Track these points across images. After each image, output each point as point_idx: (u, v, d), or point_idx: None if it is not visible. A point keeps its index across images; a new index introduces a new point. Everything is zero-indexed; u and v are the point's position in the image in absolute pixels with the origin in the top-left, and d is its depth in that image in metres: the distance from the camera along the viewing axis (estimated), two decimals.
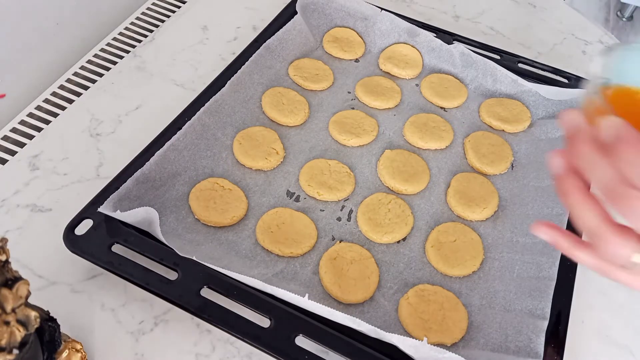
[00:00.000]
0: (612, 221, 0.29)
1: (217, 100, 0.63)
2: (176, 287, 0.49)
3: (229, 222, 0.56)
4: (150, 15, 0.81)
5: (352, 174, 0.62)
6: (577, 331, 0.53)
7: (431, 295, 0.52)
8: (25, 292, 0.35)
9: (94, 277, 0.53)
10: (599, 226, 0.29)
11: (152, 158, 0.56)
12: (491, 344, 0.49)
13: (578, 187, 0.30)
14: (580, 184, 0.30)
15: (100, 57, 0.74)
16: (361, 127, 0.66)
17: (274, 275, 0.53)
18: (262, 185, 0.60)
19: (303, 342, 0.47)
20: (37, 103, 0.68)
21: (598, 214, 0.29)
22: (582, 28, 0.87)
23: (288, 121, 0.66)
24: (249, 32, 0.79)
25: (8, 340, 0.34)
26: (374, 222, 0.57)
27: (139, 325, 0.51)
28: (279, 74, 0.71)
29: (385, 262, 0.55)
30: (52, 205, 0.58)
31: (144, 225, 0.51)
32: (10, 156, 0.62)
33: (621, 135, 0.28)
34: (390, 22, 0.76)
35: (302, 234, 0.56)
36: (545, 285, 0.52)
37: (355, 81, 0.72)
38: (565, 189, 0.31)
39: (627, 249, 0.29)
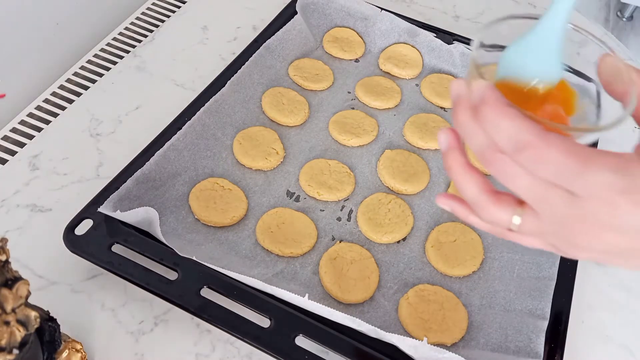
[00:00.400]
0: (490, 190, 0.30)
1: (217, 100, 0.63)
2: (176, 287, 0.49)
3: (229, 222, 0.56)
4: (150, 15, 0.81)
5: (352, 174, 0.62)
6: (577, 331, 0.53)
7: (431, 295, 0.52)
8: (25, 292, 0.35)
9: (94, 277, 0.53)
10: (477, 197, 0.30)
11: (152, 158, 0.56)
12: (491, 344, 0.49)
13: (458, 162, 0.31)
14: (460, 158, 0.31)
15: (100, 57, 0.74)
16: (361, 127, 0.66)
17: (274, 275, 0.53)
18: (262, 185, 0.60)
19: (303, 342, 0.47)
20: (37, 103, 0.68)
21: (476, 185, 0.30)
22: None
23: (288, 121, 0.66)
24: (249, 32, 0.79)
25: (8, 340, 0.34)
26: (374, 222, 0.57)
27: (139, 325, 0.51)
28: (279, 74, 0.71)
29: (385, 262, 0.55)
30: (52, 205, 0.58)
31: (144, 225, 0.51)
32: (10, 156, 0.62)
33: (485, 97, 0.28)
34: (390, 22, 0.76)
35: (302, 234, 0.56)
36: (545, 285, 0.52)
37: (355, 81, 0.72)
38: (447, 164, 0.32)
39: (505, 214, 0.30)
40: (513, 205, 0.30)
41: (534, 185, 0.28)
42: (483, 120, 0.28)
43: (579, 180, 0.26)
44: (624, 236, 0.27)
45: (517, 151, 0.27)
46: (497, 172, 0.29)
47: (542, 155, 0.27)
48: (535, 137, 0.27)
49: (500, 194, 0.31)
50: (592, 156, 0.26)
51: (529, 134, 0.27)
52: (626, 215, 0.26)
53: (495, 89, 0.28)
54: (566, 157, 0.26)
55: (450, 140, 0.32)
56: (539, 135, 0.27)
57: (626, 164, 0.26)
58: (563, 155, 0.26)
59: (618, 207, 0.26)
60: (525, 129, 0.27)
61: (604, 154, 0.27)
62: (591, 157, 0.26)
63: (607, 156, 0.26)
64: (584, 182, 0.26)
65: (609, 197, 0.26)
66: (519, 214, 0.30)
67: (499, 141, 0.28)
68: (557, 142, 0.26)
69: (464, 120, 0.30)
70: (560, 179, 0.27)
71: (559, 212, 0.28)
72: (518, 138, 0.27)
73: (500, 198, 0.30)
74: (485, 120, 0.28)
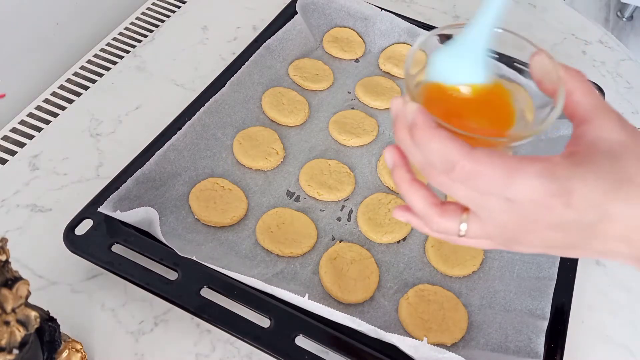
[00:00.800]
0: (435, 203, 0.32)
1: (217, 100, 0.63)
2: (176, 287, 0.49)
3: (229, 222, 0.56)
4: (150, 15, 0.81)
5: (352, 174, 0.62)
6: (577, 331, 0.53)
7: (431, 295, 0.52)
8: (25, 292, 0.35)
9: (94, 277, 0.53)
10: (424, 210, 0.32)
11: (152, 158, 0.56)
12: (491, 344, 0.49)
13: (403, 179, 0.33)
14: (405, 175, 0.33)
15: (100, 57, 0.74)
16: (361, 127, 0.66)
17: (274, 275, 0.53)
18: (262, 185, 0.60)
19: (303, 342, 0.47)
20: (37, 103, 0.68)
21: (422, 199, 0.32)
22: (582, 28, 0.87)
23: (288, 121, 0.66)
24: (249, 32, 0.79)
25: (8, 340, 0.34)
26: (374, 222, 0.57)
27: (139, 325, 0.51)
28: (279, 74, 0.71)
29: (385, 262, 0.55)
30: (52, 205, 0.58)
31: (144, 225, 0.51)
32: (10, 156, 0.62)
33: (415, 120, 0.30)
34: (390, 22, 0.75)
35: (302, 234, 0.56)
36: (545, 285, 0.52)
37: (355, 81, 0.72)
38: (395, 181, 0.33)
39: (451, 222, 0.32)
40: (458, 213, 0.32)
41: (471, 195, 0.30)
42: (416, 142, 0.30)
43: (509, 189, 0.28)
44: (560, 232, 0.29)
45: (448, 170, 0.29)
46: (437, 185, 0.31)
47: (470, 172, 0.28)
48: (462, 156, 0.28)
49: (445, 204, 0.32)
50: (518, 165, 0.28)
51: (456, 154, 0.29)
52: (559, 215, 0.28)
53: (424, 112, 0.30)
54: (493, 171, 0.28)
55: (395, 158, 0.34)
56: (466, 154, 0.28)
57: (553, 168, 0.28)
58: (489, 169, 0.28)
59: (551, 208, 0.28)
60: (453, 149, 0.29)
61: (531, 160, 0.28)
62: (517, 166, 0.28)
63: (534, 163, 0.28)
64: (515, 189, 0.28)
65: (540, 200, 0.28)
66: (464, 220, 0.31)
67: (431, 161, 0.30)
68: (482, 158, 0.28)
69: (402, 139, 0.31)
70: (491, 190, 0.29)
71: (498, 216, 0.30)
72: (447, 158, 0.29)
73: (446, 209, 0.32)
74: (418, 143, 0.30)
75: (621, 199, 0.28)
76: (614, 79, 0.79)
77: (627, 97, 0.77)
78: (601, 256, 0.31)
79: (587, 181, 0.28)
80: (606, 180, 0.28)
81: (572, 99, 0.32)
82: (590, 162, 0.29)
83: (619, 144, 0.29)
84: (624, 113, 0.75)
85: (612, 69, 0.81)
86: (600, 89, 0.71)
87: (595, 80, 0.73)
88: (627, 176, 0.28)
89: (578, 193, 0.28)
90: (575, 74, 0.32)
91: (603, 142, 0.29)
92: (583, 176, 0.28)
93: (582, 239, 0.30)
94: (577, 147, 0.30)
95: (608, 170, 0.28)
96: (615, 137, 0.30)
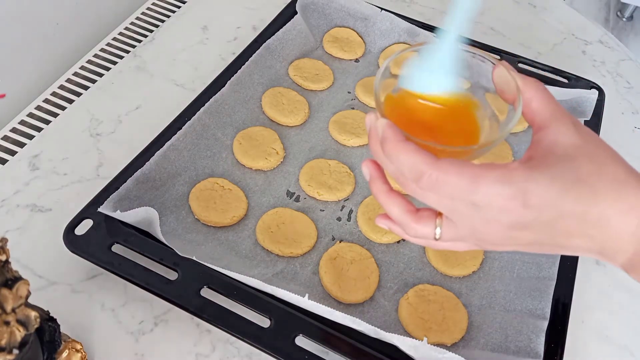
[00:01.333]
0: (411, 210, 0.34)
1: (217, 100, 0.63)
2: (176, 287, 0.49)
3: (229, 222, 0.56)
4: (150, 15, 0.81)
5: (352, 174, 0.62)
6: (577, 331, 0.53)
7: (431, 295, 0.52)
8: (25, 292, 0.35)
9: (94, 277, 0.53)
10: (401, 217, 0.35)
11: (152, 158, 0.56)
12: (491, 344, 0.49)
13: (380, 189, 0.35)
14: (382, 186, 0.35)
15: (100, 57, 0.74)
16: (361, 127, 0.66)
17: (274, 275, 0.53)
18: (262, 185, 0.60)
19: (303, 342, 0.47)
20: (37, 103, 0.68)
21: (399, 207, 0.35)
22: (582, 28, 0.87)
23: (288, 121, 0.66)
24: (249, 32, 0.79)
25: (8, 340, 0.34)
26: (373, 222, 0.57)
27: (139, 325, 0.51)
28: (279, 74, 0.71)
29: (385, 262, 0.55)
30: (52, 205, 0.58)
31: (144, 225, 0.51)
32: (10, 156, 0.62)
33: (385, 135, 0.33)
34: (390, 22, 0.75)
35: (302, 234, 0.56)
36: (545, 285, 0.52)
37: (355, 81, 0.72)
38: (373, 191, 0.36)
39: (427, 228, 0.34)
40: (433, 218, 0.34)
41: (441, 201, 0.32)
42: (387, 155, 0.33)
43: (473, 195, 0.31)
44: (524, 231, 0.31)
45: (417, 180, 0.32)
46: (410, 192, 0.33)
47: (436, 180, 0.31)
48: (429, 166, 0.31)
49: (420, 211, 0.35)
50: (479, 173, 0.30)
51: (423, 164, 0.31)
52: (519, 215, 0.30)
53: (393, 126, 0.32)
54: (457, 179, 0.31)
55: (371, 170, 0.36)
56: (431, 164, 0.31)
57: (510, 174, 0.30)
58: (454, 177, 0.31)
59: (510, 210, 0.30)
60: (420, 160, 0.31)
61: (491, 167, 0.31)
62: (479, 174, 0.30)
63: (493, 170, 0.30)
64: (478, 195, 0.30)
65: (501, 203, 0.30)
66: (438, 225, 0.34)
67: (402, 172, 0.32)
68: (447, 167, 0.31)
69: (375, 152, 0.34)
70: (457, 196, 0.31)
71: (468, 219, 0.32)
72: (415, 169, 0.31)
73: (421, 215, 0.34)
74: (389, 155, 0.33)
75: (574, 198, 0.30)
76: (614, 79, 0.79)
77: (627, 97, 0.77)
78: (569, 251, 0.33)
79: (541, 183, 0.30)
80: (560, 181, 0.30)
81: (530, 107, 0.34)
82: (545, 165, 0.31)
83: (573, 147, 0.31)
84: (624, 113, 0.75)
85: (612, 69, 0.81)
86: (600, 89, 0.71)
87: (595, 80, 0.73)
88: (579, 176, 0.30)
89: (533, 194, 0.30)
90: (532, 84, 0.34)
91: (558, 146, 0.32)
92: (537, 178, 0.30)
93: (546, 236, 0.31)
94: (535, 152, 0.32)
95: (562, 171, 0.30)
96: (570, 141, 0.32)
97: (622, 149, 0.34)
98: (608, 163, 0.31)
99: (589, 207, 0.30)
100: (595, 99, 0.67)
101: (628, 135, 0.73)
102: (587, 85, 0.71)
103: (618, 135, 0.72)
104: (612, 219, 0.30)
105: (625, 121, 0.74)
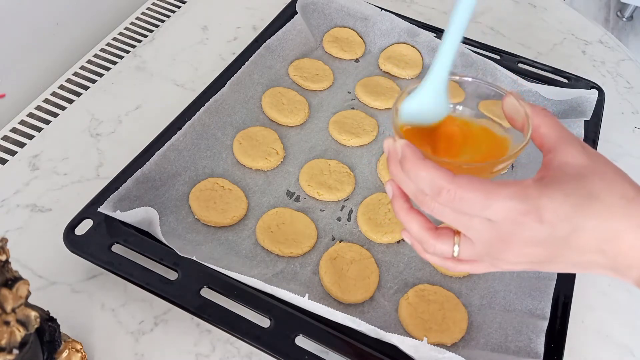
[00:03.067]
0: (430, 228, 0.36)
1: (217, 100, 0.63)
2: (176, 287, 0.49)
3: (229, 222, 0.56)
4: (150, 15, 0.81)
5: (352, 174, 0.62)
6: (577, 331, 0.53)
7: (431, 295, 0.52)
8: (25, 292, 0.35)
9: (94, 277, 0.53)
10: (420, 234, 0.36)
11: (152, 158, 0.56)
12: (491, 344, 0.49)
13: (401, 207, 0.36)
14: (403, 204, 0.37)
15: (100, 57, 0.74)
16: (361, 127, 0.66)
17: (274, 275, 0.53)
18: (262, 185, 0.60)
19: (303, 342, 0.47)
20: (37, 103, 0.68)
21: (418, 224, 0.36)
22: (582, 28, 0.87)
23: (288, 121, 0.66)
24: (249, 32, 0.79)
25: (8, 340, 0.34)
26: (373, 222, 0.57)
27: (139, 325, 0.51)
28: (279, 74, 0.71)
29: (385, 262, 0.55)
30: (52, 205, 0.58)
31: (144, 225, 0.51)
32: (10, 156, 0.62)
33: (404, 154, 0.34)
34: (390, 22, 0.76)
35: (302, 234, 0.56)
36: (545, 285, 0.52)
37: (355, 81, 0.72)
38: (394, 209, 0.37)
39: (445, 245, 0.35)
40: (451, 236, 0.35)
41: (458, 217, 0.33)
42: (407, 173, 0.34)
43: (488, 210, 0.32)
44: (538, 247, 0.32)
45: (436, 195, 0.33)
46: (428, 210, 0.34)
47: (454, 196, 0.32)
48: (447, 182, 0.32)
49: (439, 229, 0.36)
50: (494, 189, 0.32)
51: (441, 180, 0.32)
52: (534, 230, 0.31)
53: (411, 146, 0.34)
54: (474, 194, 0.32)
55: (393, 189, 0.37)
56: (449, 180, 0.32)
57: (524, 191, 0.31)
58: (470, 192, 0.32)
59: (525, 225, 0.31)
60: (438, 176, 0.32)
61: (505, 184, 0.32)
62: (494, 190, 0.32)
63: (508, 187, 0.32)
64: (493, 211, 0.32)
65: (516, 219, 0.31)
66: (456, 242, 0.35)
67: (422, 188, 0.33)
68: (464, 183, 0.32)
69: (395, 173, 0.35)
70: (473, 211, 0.32)
71: (484, 235, 0.33)
72: (434, 184, 0.32)
73: (440, 233, 0.35)
74: (409, 173, 0.34)
75: (587, 213, 0.31)
76: (614, 79, 0.79)
77: (627, 97, 0.77)
78: (582, 269, 0.33)
79: (555, 199, 0.31)
80: (573, 197, 0.31)
81: (539, 132, 0.36)
82: (558, 182, 0.32)
83: (583, 167, 0.33)
84: (624, 113, 0.75)
85: (612, 69, 0.81)
86: (600, 89, 0.71)
87: (595, 80, 0.73)
88: (592, 193, 0.31)
89: (548, 209, 0.31)
90: (540, 111, 0.36)
91: (568, 166, 0.33)
92: (552, 194, 0.31)
93: (560, 251, 0.32)
94: (546, 172, 0.33)
95: (574, 188, 0.32)
96: (579, 161, 0.33)
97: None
98: (617, 180, 0.32)
99: (601, 222, 0.31)
100: (595, 99, 0.67)
101: (628, 135, 0.73)
102: (587, 85, 0.71)
103: (618, 135, 0.72)
104: (624, 234, 0.31)
105: (625, 121, 0.74)
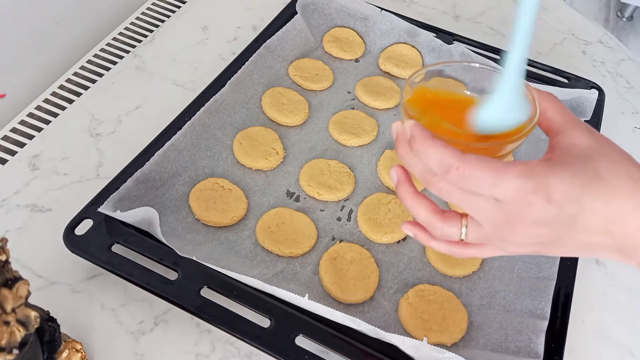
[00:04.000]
0: (437, 211, 0.36)
1: (217, 100, 0.63)
2: (176, 287, 0.49)
3: (229, 222, 0.56)
4: (150, 15, 0.81)
5: (352, 174, 0.62)
6: (577, 331, 0.53)
7: (431, 295, 0.52)
8: (25, 292, 0.35)
9: (94, 277, 0.53)
10: (427, 218, 0.36)
11: (152, 158, 0.56)
12: (491, 344, 0.49)
13: (407, 192, 0.37)
14: (409, 189, 0.37)
15: (100, 57, 0.74)
16: (361, 127, 0.66)
17: (274, 275, 0.53)
18: (262, 185, 0.60)
19: (303, 342, 0.47)
20: (37, 103, 0.68)
21: (425, 208, 0.36)
22: (582, 28, 0.87)
23: (288, 121, 0.66)
24: (249, 32, 0.79)
25: (8, 340, 0.34)
26: (373, 222, 0.57)
27: (139, 325, 0.51)
28: (279, 74, 0.71)
29: (385, 262, 0.55)
30: (52, 205, 0.58)
31: (144, 225, 0.51)
32: (10, 156, 0.62)
33: (413, 134, 0.34)
34: (390, 22, 0.75)
35: (302, 234, 0.56)
36: (545, 285, 0.52)
37: (355, 81, 0.72)
38: (400, 195, 0.37)
39: (453, 227, 0.35)
40: (458, 219, 0.35)
41: (465, 197, 0.33)
42: (416, 152, 0.34)
43: (496, 188, 0.32)
44: (546, 228, 0.32)
45: (445, 173, 0.33)
46: (436, 190, 0.34)
47: (463, 173, 0.32)
48: (456, 160, 0.32)
49: (446, 212, 0.36)
50: (502, 168, 0.32)
51: (450, 158, 0.32)
52: (541, 210, 0.31)
53: (420, 125, 0.34)
54: (482, 172, 0.32)
55: (399, 174, 0.38)
56: (459, 157, 0.32)
57: (531, 169, 0.31)
58: (479, 170, 0.32)
59: (533, 204, 0.31)
60: (448, 154, 0.32)
61: (513, 164, 0.32)
62: (502, 168, 0.32)
63: (515, 165, 0.32)
64: (501, 189, 0.32)
65: (523, 197, 0.31)
66: (464, 225, 0.35)
67: (431, 167, 0.33)
68: (473, 161, 0.32)
69: (403, 154, 0.35)
70: (482, 190, 0.32)
71: (491, 216, 0.33)
72: (443, 162, 0.33)
73: (447, 215, 0.36)
74: (418, 152, 0.34)
75: (594, 193, 0.31)
76: (614, 79, 0.79)
77: (627, 97, 0.77)
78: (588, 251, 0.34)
79: (563, 178, 0.31)
80: (580, 177, 0.31)
81: (546, 115, 0.36)
82: (565, 162, 0.32)
83: (589, 149, 0.33)
84: (624, 113, 0.75)
85: (612, 69, 0.81)
86: (600, 89, 0.71)
87: (595, 80, 0.73)
88: (598, 174, 0.32)
89: (555, 187, 0.31)
90: (547, 96, 0.37)
91: (575, 148, 0.33)
92: (559, 174, 0.31)
93: (566, 232, 0.32)
94: (553, 154, 0.34)
95: (581, 169, 0.32)
96: (585, 143, 0.33)
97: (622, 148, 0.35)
98: (623, 162, 0.33)
99: (608, 203, 0.31)
100: (595, 99, 0.67)
101: (628, 135, 0.73)
102: (587, 85, 0.71)
103: (618, 135, 0.72)
104: (630, 214, 0.31)
105: (625, 121, 0.74)
